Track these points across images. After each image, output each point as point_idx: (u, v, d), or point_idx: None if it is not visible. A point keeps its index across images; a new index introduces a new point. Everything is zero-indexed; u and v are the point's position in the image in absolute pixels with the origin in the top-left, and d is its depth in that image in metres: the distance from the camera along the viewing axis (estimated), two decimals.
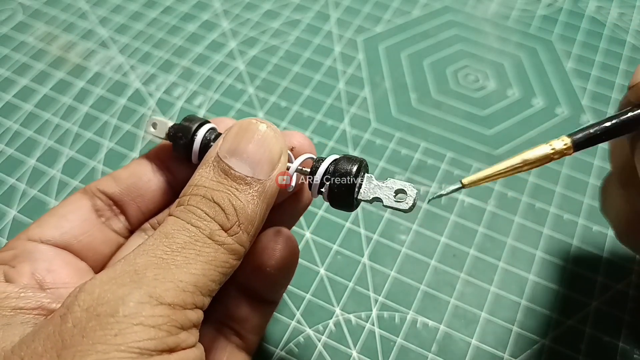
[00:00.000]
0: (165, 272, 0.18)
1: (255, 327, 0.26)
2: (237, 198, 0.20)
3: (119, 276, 0.18)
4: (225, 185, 0.20)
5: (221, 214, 0.20)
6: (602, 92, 0.41)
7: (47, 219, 0.23)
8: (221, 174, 0.20)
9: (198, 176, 0.21)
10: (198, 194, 0.20)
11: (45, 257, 0.22)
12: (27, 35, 0.44)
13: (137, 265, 0.18)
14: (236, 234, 0.20)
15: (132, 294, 0.17)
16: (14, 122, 0.39)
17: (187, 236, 0.19)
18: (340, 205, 0.22)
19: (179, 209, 0.20)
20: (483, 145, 0.38)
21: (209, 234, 0.19)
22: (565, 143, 0.21)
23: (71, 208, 0.24)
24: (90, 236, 0.24)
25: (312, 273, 0.33)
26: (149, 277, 0.18)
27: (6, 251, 0.22)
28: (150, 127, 0.25)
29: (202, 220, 0.19)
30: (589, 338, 0.30)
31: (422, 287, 0.32)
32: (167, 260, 0.18)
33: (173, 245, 0.19)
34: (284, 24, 0.46)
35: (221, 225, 0.20)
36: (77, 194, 0.25)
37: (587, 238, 0.34)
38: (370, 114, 0.40)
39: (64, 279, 0.22)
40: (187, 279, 0.18)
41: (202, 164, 0.21)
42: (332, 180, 0.22)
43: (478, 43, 0.45)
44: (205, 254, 0.19)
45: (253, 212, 0.20)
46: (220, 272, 0.19)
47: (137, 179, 0.25)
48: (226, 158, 0.21)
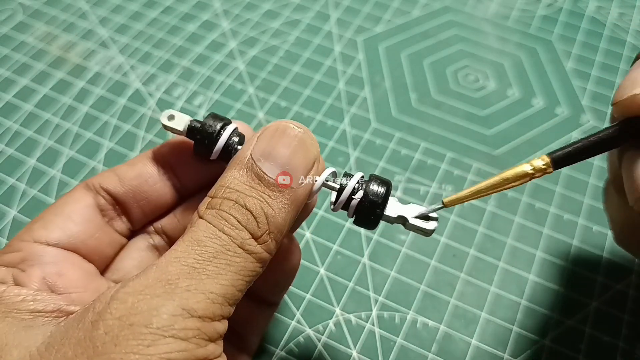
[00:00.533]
0: (197, 282, 0.18)
1: (256, 328, 0.26)
2: (269, 206, 0.20)
3: (152, 285, 0.18)
4: (258, 191, 0.20)
5: (253, 222, 0.19)
6: (602, 92, 0.41)
7: (52, 219, 0.23)
8: (254, 179, 0.20)
9: (230, 178, 0.20)
10: (230, 198, 0.20)
11: (54, 261, 0.22)
12: (27, 35, 0.44)
13: (170, 274, 0.18)
14: (265, 243, 0.20)
15: (166, 305, 0.17)
16: (14, 122, 0.39)
17: (219, 244, 0.19)
18: (366, 224, 0.23)
19: (211, 213, 0.20)
20: (483, 145, 0.38)
21: (240, 243, 0.19)
22: (545, 162, 0.22)
23: (76, 207, 0.23)
24: (96, 239, 0.23)
25: (312, 273, 0.33)
26: (182, 288, 0.18)
27: (12, 252, 0.22)
28: (165, 119, 0.24)
29: (234, 228, 0.19)
30: (589, 338, 0.30)
31: (422, 287, 0.32)
32: (198, 269, 0.18)
33: (205, 253, 0.19)
34: (284, 24, 0.46)
35: (252, 234, 0.19)
36: (80, 189, 0.24)
37: (587, 238, 0.34)
38: (370, 114, 0.40)
39: (74, 283, 0.22)
40: (217, 290, 0.18)
41: (235, 165, 0.21)
42: (362, 200, 0.22)
43: (478, 43, 0.45)
44: (235, 264, 0.19)
45: (283, 221, 0.20)
46: (246, 280, 0.19)
47: (144, 181, 0.24)
48: (260, 161, 0.20)
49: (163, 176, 0.25)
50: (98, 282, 0.23)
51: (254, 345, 0.26)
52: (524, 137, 0.39)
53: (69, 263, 0.22)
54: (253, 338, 0.26)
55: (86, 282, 0.22)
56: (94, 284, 0.22)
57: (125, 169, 0.24)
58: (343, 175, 0.23)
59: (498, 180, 0.22)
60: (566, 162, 0.22)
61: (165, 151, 0.25)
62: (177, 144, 0.25)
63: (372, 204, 0.22)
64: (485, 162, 0.37)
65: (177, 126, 0.24)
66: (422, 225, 0.22)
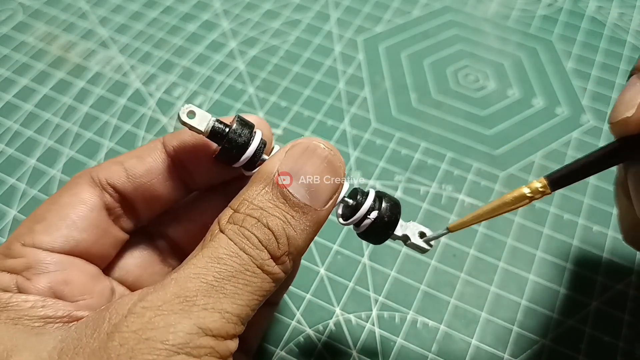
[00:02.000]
0: (215, 301, 0.18)
1: (256, 327, 0.26)
2: (291, 227, 0.20)
3: (170, 301, 0.18)
4: (282, 211, 0.20)
5: (274, 243, 0.19)
6: (602, 92, 0.41)
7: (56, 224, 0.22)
8: (279, 197, 0.20)
9: (255, 193, 0.20)
10: (253, 215, 0.20)
11: (60, 268, 0.21)
12: (27, 35, 0.44)
13: (188, 291, 0.18)
14: (284, 264, 0.20)
15: (182, 323, 0.17)
16: (14, 122, 0.39)
17: (238, 264, 0.19)
18: (373, 241, 0.24)
19: (233, 230, 0.19)
20: (483, 145, 0.38)
21: (260, 264, 0.19)
22: (543, 184, 0.23)
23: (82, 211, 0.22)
24: (101, 245, 0.23)
25: (312, 273, 0.33)
26: (199, 306, 0.18)
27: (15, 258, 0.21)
28: (185, 115, 0.21)
29: (255, 248, 0.19)
30: (589, 338, 0.30)
31: (422, 287, 0.32)
32: (217, 287, 0.18)
33: (224, 272, 0.19)
34: (284, 24, 0.46)
35: (272, 254, 0.19)
36: (86, 187, 0.22)
37: (587, 238, 0.34)
38: (370, 114, 0.40)
39: (80, 289, 0.21)
40: (233, 310, 0.18)
41: (260, 179, 0.20)
42: (376, 221, 0.23)
43: (478, 43, 0.45)
44: (252, 284, 0.19)
45: (304, 242, 0.20)
46: (260, 300, 0.19)
47: (154, 177, 0.23)
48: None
49: (174, 173, 0.24)
50: (102, 284, 0.23)
51: (254, 346, 0.26)
52: (524, 137, 0.39)
53: (74, 269, 0.22)
54: (253, 338, 0.26)
55: (91, 286, 0.22)
56: (99, 286, 0.22)
57: (134, 162, 0.23)
58: (351, 191, 0.23)
59: (499, 204, 0.23)
60: (564, 183, 0.23)
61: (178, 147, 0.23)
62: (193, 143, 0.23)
63: (385, 225, 0.23)
64: (485, 162, 0.37)
65: (199, 126, 0.22)
66: (421, 244, 0.24)
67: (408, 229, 0.24)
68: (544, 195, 0.23)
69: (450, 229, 0.24)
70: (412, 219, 0.35)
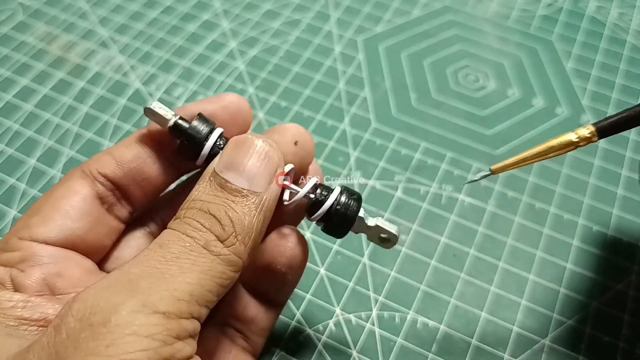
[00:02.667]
0: (160, 280, 0.18)
1: (261, 329, 0.26)
2: (233, 210, 0.20)
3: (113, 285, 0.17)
4: (222, 198, 0.20)
5: (217, 225, 0.20)
6: (602, 92, 0.41)
7: (50, 215, 0.22)
8: (218, 188, 0.20)
9: (195, 192, 0.21)
10: (194, 207, 0.20)
11: (54, 260, 0.21)
12: (27, 35, 0.44)
13: (132, 275, 0.18)
14: (233, 245, 0.20)
15: (126, 302, 0.17)
16: (14, 122, 0.39)
17: (182, 246, 0.19)
18: (334, 234, 0.24)
19: (175, 222, 0.20)
20: (483, 145, 0.38)
21: (204, 244, 0.19)
22: (590, 131, 0.22)
23: (74, 201, 0.23)
24: (95, 233, 0.23)
25: (312, 273, 0.33)
26: (143, 286, 0.17)
27: (11, 251, 0.21)
28: (150, 114, 0.23)
29: (197, 230, 0.19)
30: (589, 338, 0.30)
31: (422, 287, 0.32)
32: (161, 269, 0.18)
33: (167, 255, 0.18)
34: (284, 24, 0.46)
35: (217, 236, 0.19)
36: (77, 178, 0.23)
37: (587, 238, 0.34)
38: (370, 114, 0.40)
39: (74, 282, 0.21)
40: (182, 287, 0.18)
41: (201, 180, 0.21)
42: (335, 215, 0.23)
43: (478, 43, 0.45)
44: (200, 264, 0.19)
45: (250, 224, 0.20)
46: (217, 282, 0.19)
47: (143, 161, 0.24)
48: (222, 172, 0.21)
49: (162, 155, 0.24)
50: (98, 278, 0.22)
51: (259, 347, 0.26)
52: (524, 137, 0.39)
53: (68, 262, 0.22)
54: (258, 339, 0.26)
55: (86, 280, 0.22)
56: (94, 280, 0.22)
57: (123, 150, 0.24)
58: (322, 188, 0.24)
59: (544, 148, 0.23)
60: (611, 132, 0.22)
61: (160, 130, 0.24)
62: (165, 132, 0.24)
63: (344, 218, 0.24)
64: (485, 162, 0.37)
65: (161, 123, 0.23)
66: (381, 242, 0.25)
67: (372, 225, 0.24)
68: (589, 143, 0.22)
69: (493, 171, 0.23)
70: (412, 219, 0.35)
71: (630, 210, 0.35)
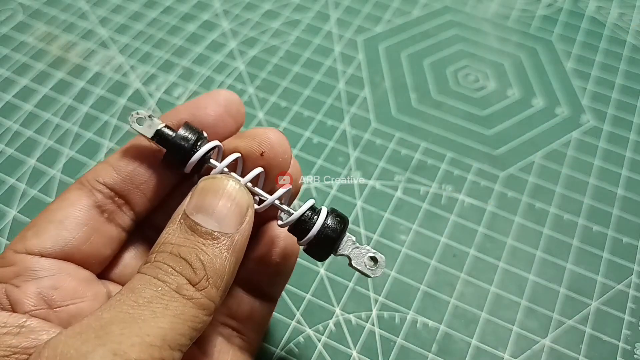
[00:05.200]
0: (132, 326, 0.17)
1: (257, 324, 0.26)
2: (204, 252, 0.20)
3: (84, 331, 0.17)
4: (192, 241, 0.20)
5: (188, 269, 0.19)
6: (602, 92, 0.41)
7: (45, 227, 0.22)
8: (188, 231, 0.20)
9: (165, 234, 0.20)
10: (165, 250, 0.20)
11: (49, 273, 0.21)
12: (27, 35, 0.44)
13: (103, 320, 0.17)
14: (205, 289, 0.19)
15: (96, 351, 0.16)
16: (14, 122, 0.39)
17: (153, 290, 0.19)
18: (316, 257, 0.23)
19: (146, 266, 0.20)
20: (483, 145, 0.38)
21: (176, 287, 0.19)
22: None
23: (69, 212, 0.22)
24: (91, 244, 0.23)
25: (312, 273, 0.33)
26: (115, 333, 0.17)
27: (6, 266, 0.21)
28: (134, 123, 0.23)
29: (169, 275, 0.19)
30: (589, 338, 0.30)
31: (422, 287, 0.32)
32: (133, 314, 0.18)
33: (140, 299, 0.18)
34: (284, 24, 0.46)
35: (189, 280, 0.19)
36: (74, 191, 0.23)
37: (587, 238, 0.34)
38: (370, 114, 0.40)
39: (71, 294, 0.21)
40: (154, 332, 0.17)
41: (171, 222, 0.21)
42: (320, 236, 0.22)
43: (478, 43, 0.45)
44: (173, 308, 0.18)
45: (222, 266, 0.20)
46: (190, 326, 0.19)
47: (139, 164, 0.24)
48: (193, 214, 0.20)
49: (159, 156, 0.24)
50: (96, 289, 0.22)
51: (256, 344, 0.26)
52: (524, 137, 0.39)
53: (64, 274, 0.22)
54: (255, 335, 0.26)
55: (83, 291, 0.22)
56: (92, 291, 0.22)
57: (118, 156, 0.24)
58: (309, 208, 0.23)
59: None
60: None
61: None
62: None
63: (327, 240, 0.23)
64: (485, 162, 0.37)
65: (145, 132, 0.23)
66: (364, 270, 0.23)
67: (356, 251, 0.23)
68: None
69: None
70: (412, 219, 0.35)
71: (630, 210, 0.35)
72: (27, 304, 0.20)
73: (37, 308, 0.20)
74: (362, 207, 0.35)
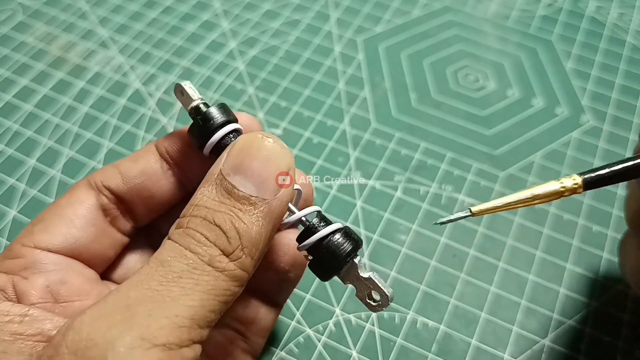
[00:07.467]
0: (160, 306, 0.16)
1: (262, 329, 0.25)
2: (240, 220, 0.19)
3: (110, 313, 0.16)
4: (228, 206, 0.19)
5: (222, 238, 0.18)
6: (602, 92, 0.41)
7: (54, 222, 0.22)
8: (224, 194, 0.19)
9: (200, 195, 0.19)
10: (198, 215, 0.19)
11: (57, 268, 0.21)
12: (27, 35, 0.44)
13: (130, 299, 0.17)
14: (239, 259, 0.18)
15: (123, 336, 0.16)
16: (14, 122, 0.39)
17: (184, 264, 0.18)
18: (318, 273, 0.22)
19: (177, 232, 0.19)
20: (483, 145, 0.38)
21: (208, 260, 0.18)
22: (576, 182, 0.22)
23: (79, 210, 0.22)
24: (98, 244, 0.22)
25: (312, 273, 0.33)
26: (142, 314, 0.16)
27: (14, 258, 0.21)
28: (178, 93, 0.23)
29: (201, 245, 0.18)
30: (589, 338, 0.30)
31: (422, 287, 0.32)
32: (161, 292, 0.17)
33: (169, 274, 0.17)
34: (284, 24, 0.46)
35: (222, 250, 0.18)
36: (82, 188, 0.23)
37: (587, 238, 0.34)
38: (370, 114, 0.40)
39: (77, 291, 0.21)
40: (183, 312, 0.17)
41: (205, 182, 0.20)
42: (324, 250, 0.21)
43: (478, 43, 0.45)
44: (204, 283, 0.17)
45: (258, 235, 0.19)
46: (220, 301, 0.18)
47: (147, 178, 0.23)
48: (229, 176, 0.19)
49: (167, 172, 0.24)
50: (99, 288, 0.22)
51: (259, 348, 0.26)
52: (524, 137, 0.39)
53: (71, 270, 0.21)
54: (258, 339, 0.26)
55: (88, 289, 0.22)
56: (96, 290, 0.22)
57: (129, 165, 0.24)
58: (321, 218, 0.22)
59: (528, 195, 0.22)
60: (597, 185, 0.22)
61: (168, 144, 0.24)
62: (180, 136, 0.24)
63: (331, 257, 0.21)
64: (485, 162, 0.37)
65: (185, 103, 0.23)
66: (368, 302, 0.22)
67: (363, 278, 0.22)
68: (574, 194, 0.22)
69: (473, 213, 0.22)
70: (412, 219, 0.35)
71: None
72: (33, 296, 0.20)
73: (42, 301, 0.20)
74: (362, 207, 0.35)
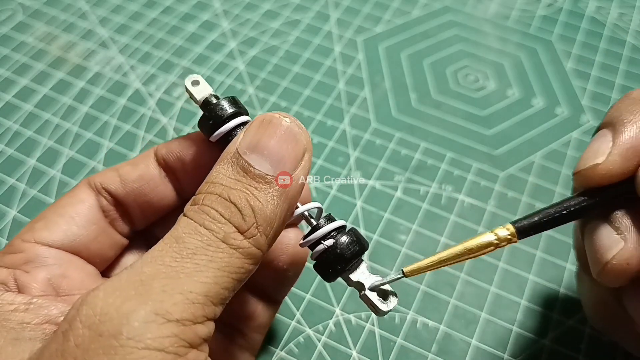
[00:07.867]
0: (174, 282, 0.17)
1: (260, 326, 0.26)
2: (255, 198, 0.19)
3: (124, 287, 0.16)
4: (244, 184, 0.19)
5: (237, 215, 0.18)
6: (602, 92, 0.41)
7: (55, 220, 0.22)
8: (240, 172, 0.19)
9: (215, 173, 0.20)
10: (214, 192, 0.19)
11: (58, 262, 0.21)
12: (27, 35, 0.44)
13: (144, 275, 0.17)
14: (253, 237, 0.18)
15: (137, 311, 0.16)
16: (14, 122, 0.39)
17: (199, 240, 0.18)
18: (322, 274, 0.22)
19: (193, 209, 0.19)
20: (483, 145, 0.38)
21: (223, 237, 0.18)
22: (510, 232, 0.21)
23: (79, 208, 0.23)
24: (99, 242, 0.23)
25: (312, 273, 0.32)
26: (156, 289, 0.16)
27: (15, 253, 0.21)
28: (189, 84, 0.23)
29: (216, 222, 0.18)
30: (589, 338, 0.30)
31: (422, 287, 0.32)
32: (176, 268, 0.17)
33: (183, 251, 0.17)
34: (284, 24, 0.46)
35: (237, 227, 0.18)
36: (83, 188, 0.23)
37: None
38: (370, 114, 0.40)
39: (78, 285, 0.21)
40: (197, 289, 0.17)
41: (221, 160, 0.20)
42: (329, 248, 0.21)
43: (478, 43, 0.45)
44: (218, 260, 0.18)
45: (273, 213, 0.19)
46: (234, 278, 0.18)
47: (145, 183, 0.24)
48: (246, 154, 0.19)
49: (165, 178, 0.24)
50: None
51: (257, 344, 0.26)
52: (524, 137, 0.39)
53: (72, 265, 0.22)
54: (256, 336, 0.26)
55: (89, 284, 0.22)
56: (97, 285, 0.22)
57: (128, 169, 0.24)
58: (327, 217, 0.22)
59: (461, 250, 0.21)
60: (531, 232, 0.22)
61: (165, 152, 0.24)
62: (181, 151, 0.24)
63: (336, 257, 0.21)
64: (485, 162, 0.37)
65: (196, 95, 0.23)
66: (377, 302, 0.21)
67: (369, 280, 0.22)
68: (510, 244, 0.21)
69: (405, 274, 0.21)
70: (412, 219, 0.35)
71: None
72: (35, 289, 0.20)
73: (44, 293, 0.20)
74: (362, 207, 0.35)
